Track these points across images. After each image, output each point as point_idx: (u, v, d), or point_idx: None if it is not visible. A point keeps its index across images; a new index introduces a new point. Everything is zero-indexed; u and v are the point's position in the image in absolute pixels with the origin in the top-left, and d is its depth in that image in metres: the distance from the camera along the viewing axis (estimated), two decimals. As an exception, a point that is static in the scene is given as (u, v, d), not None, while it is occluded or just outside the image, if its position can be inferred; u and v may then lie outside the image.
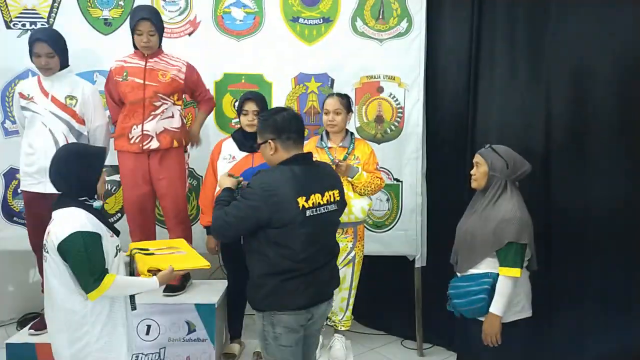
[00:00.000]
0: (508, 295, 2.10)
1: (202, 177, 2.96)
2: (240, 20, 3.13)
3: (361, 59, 3.14)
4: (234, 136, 2.70)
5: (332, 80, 3.16)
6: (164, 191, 2.62)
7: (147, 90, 2.53)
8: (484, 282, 2.14)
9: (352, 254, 2.75)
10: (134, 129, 2.54)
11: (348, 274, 2.76)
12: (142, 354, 2.52)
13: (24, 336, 2.52)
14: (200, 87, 2.78)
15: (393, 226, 3.19)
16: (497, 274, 2.13)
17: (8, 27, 3.07)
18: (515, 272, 2.09)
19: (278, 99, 3.16)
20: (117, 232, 2.00)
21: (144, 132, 2.55)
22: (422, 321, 3.22)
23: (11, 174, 3.07)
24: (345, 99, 2.73)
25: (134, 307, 2.06)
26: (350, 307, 2.84)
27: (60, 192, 1.94)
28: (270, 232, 1.89)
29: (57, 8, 3.06)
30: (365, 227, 2.89)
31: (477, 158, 2.26)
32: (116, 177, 3.03)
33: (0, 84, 3.06)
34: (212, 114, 3.10)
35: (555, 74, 2.84)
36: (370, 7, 3.13)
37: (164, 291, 2.64)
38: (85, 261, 1.78)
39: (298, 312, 1.95)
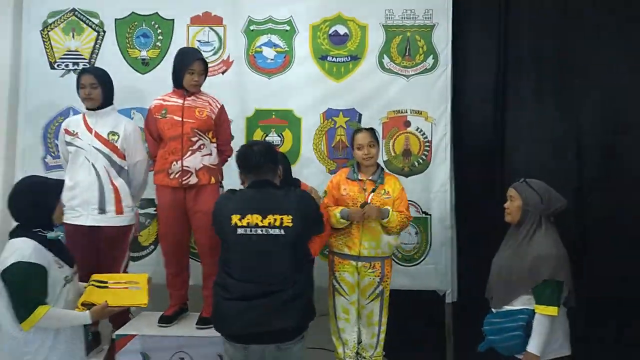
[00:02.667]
0: (546, 333, 2.06)
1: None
2: (271, 59, 3.25)
3: (388, 94, 3.21)
4: None
5: (360, 115, 3.23)
6: (199, 224, 2.67)
7: (185, 126, 2.62)
8: (520, 318, 2.10)
9: (380, 288, 2.74)
10: (174, 164, 2.62)
11: (376, 309, 2.75)
12: (175, 387, 2.52)
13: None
14: (222, 132, 2.79)
15: (422, 260, 3.17)
16: (533, 311, 2.09)
17: (52, 67, 3.25)
18: (552, 310, 2.06)
19: (307, 134, 3.24)
20: (70, 263, 2.04)
21: (184, 168, 2.62)
22: (454, 358, 3.15)
23: (50, 207, 3.17)
24: (373, 131, 2.79)
25: (88, 337, 2.12)
26: (381, 343, 2.80)
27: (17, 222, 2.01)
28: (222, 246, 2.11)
29: (99, 49, 3.24)
30: (393, 260, 2.89)
31: (511, 192, 2.27)
32: (150, 210, 3.12)
33: (43, 121, 3.21)
34: (243, 148, 3.19)
35: (585, 104, 2.84)
36: (397, 44, 3.22)
37: (197, 323, 2.65)
38: (21, 291, 1.85)
39: (231, 342, 1.99)
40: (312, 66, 3.24)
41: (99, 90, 2.68)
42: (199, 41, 3.24)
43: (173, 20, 3.24)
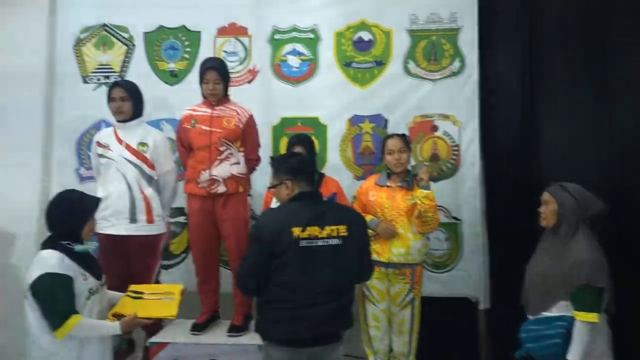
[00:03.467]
0: (586, 341, 2.00)
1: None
2: (296, 67, 3.27)
3: (414, 99, 3.19)
4: None
5: (386, 121, 3.21)
6: (228, 232, 2.70)
7: (213, 136, 2.66)
8: (559, 325, 2.04)
9: (411, 295, 2.70)
10: (203, 173, 2.65)
11: (407, 317, 2.71)
12: (208, 395, 2.54)
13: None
14: (249, 143, 2.79)
15: (454, 266, 3.12)
16: (572, 317, 2.03)
17: (85, 81, 3.34)
18: (593, 317, 2.00)
19: (333, 141, 3.24)
20: (97, 276, 2.09)
21: (212, 177, 2.65)
22: (488, 365, 3.08)
23: (84, 218, 3.24)
24: (405, 138, 2.78)
25: (122, 345, 2.20)
26: (414, 352, 2.76)
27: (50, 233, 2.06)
28: (272, 262, 1.98)
29: (129, 62, 3.32)
30: (424, 267, 2.85)
31: (546, 196, 2.21)
32: (180, 219, 3.17)
33: (76, 134, 3.31)
34: (269, 155, 3.18)
35: (622, 104, 2.76)
36: (422, 49, 3.20)
37: (228, 331, 2.67)
38: (51, 302, 1.91)
39: (285, 348, 1.97)
40: (337, 73, 3.25)
41: (129, 103, 2.74)
42: (225, 52, 3.29)
43: (199, 32, 3.30)
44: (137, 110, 2.78)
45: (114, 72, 3.32)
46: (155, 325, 2.66)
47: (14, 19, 3.35)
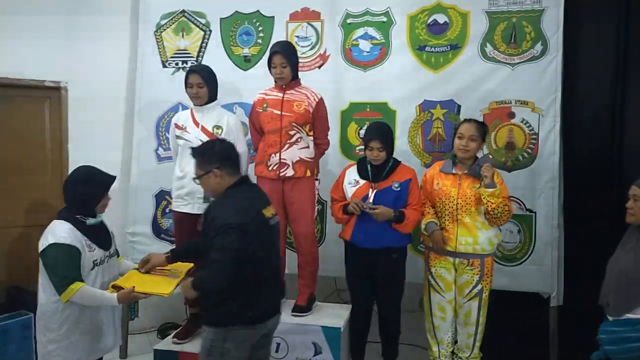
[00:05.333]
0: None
1: (326, 202, 3.06)
2: (367, 52, 3.23)
3: (490, 84, 3.05)
4: (359, 164, 2.77)
5: (459, 107, 3.10)
6: (295, 215, 2.75)
7: (283, 120, 2.71)
8: (644, 329, 1.91)
9: (479, 287, 2.63)
10: (273, 157, 2.72)
11: (474, 309, 2.64)
12: (272, 371, 2.63)
13: (168, 344, 2.76)
14: (319, 127, 2.81)
15: (525, 260, 2.99)
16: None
17: (164, 66, 3.50)
18: (683, 321, 1.84)
19: (402, 126, 3.18)
20: (105, 247, 2.21)
21: (282, 160, 2.71)
22: (559, 365, 2.95)
23: (161, 196, 3.45)
24: (482, 127, 2.67)
25: (133, 317, 2.31)
26: (478, 344, 2.70)
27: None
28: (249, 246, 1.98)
29: (205, 47, 3.44)
30: (494, 259, 2.75)
31: (635, 190, 2.05)
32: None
33: (155, 116, 3.48)
34: (337, 140, 3.22)
35: None
36: (502, 31, 3.04)
37: (293, 311, 2.75)
38: (57, 268, 2.05)
39: (255, 326, 2.03)
40: (408, 57, 3.17)
41: (205, 89, 2.84)
42: (297, 37, 3.31)
43: (273, 17, 3.34)
44: (212, 95, 2.88)
45: (191, 57, 3.45)
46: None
47: (100, 5, 3.56)
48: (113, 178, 2.26)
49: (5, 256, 3.44)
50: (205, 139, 2.81)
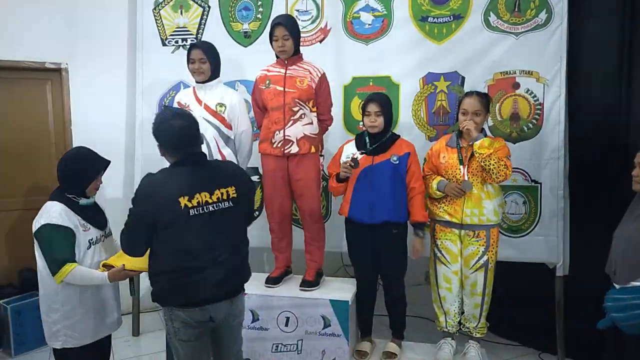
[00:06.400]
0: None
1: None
2: (369, 24, 3.18)
3: (494, 54, 3.00)
4: (357, 138, 2.76)
5: (463, 79, 3.07)
6: (300, 191, 2.76)
7: (286, 96, 2.69)
8: (650, 295, 1.92)
9: (485, 258, 2.65)
10: (277, 134, 2.71)
11: (480, 280, 2.67)
12: (282, 344, 2.68)
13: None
14: (322, 102, 2.79)
15: (530, 231, 2.99)
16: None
17: (164, 44, 3.46)
18: (690, 286, 1.85)
19: (406, 100, 3.15)
20: (100, 226, 2.22)
21: (286, 137, 2.70)
22: (565, 334, 2.98)
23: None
24: (485, 98, 2.64)
25: (133, 293, 2.32)
26: (485, 314, 2.73)
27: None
28: (159, 233, 1.91)
29: (205, 24, 3.39)
30: (499, 231, 2.76)
31: (640, 158, 2.04)
32: (254, 178, 3.27)
33: (157, 95, 3.45)
34: (341, 116, 3.20)
35: None
36: (505, 0, 2.98)
37: (301, 285, 2.78)
38: (51, 250, 2.05)
39: (191, 309, 1.96)
40: (411, 29, 3.11)
41: (207, 64, 2.81)
42: (297, 10, 3.25)
43: (272, -9, 3.29)
44: (215, 71, 2.85)
45: (191, 34, 3.41)
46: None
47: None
48: (106, 163, 2.26)
49: (14, 239, 3.49)
50: (209, 117, 2.80)
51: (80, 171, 2.17)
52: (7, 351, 3.22)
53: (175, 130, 1.97)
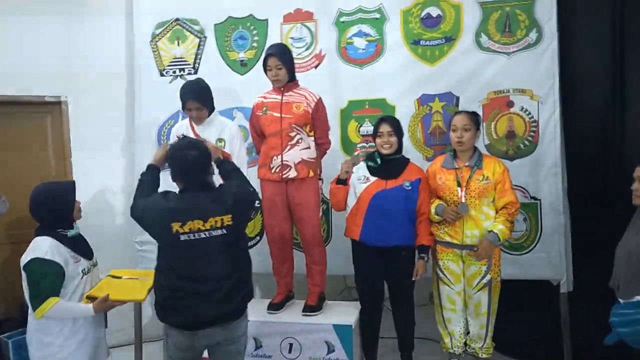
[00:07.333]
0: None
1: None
2: (363, 49, 3.23)
3: (487, 74, 3.05)
4: (368, 162, 2.76)
5: (457, 99, 3.11)
6: (300, 215, 2.77)
7: (283, 122, 2.71)
8: (655, 310, 1.91)
9: (488, 277, 2.64)
10: (275, 159, 2.73)
11: (484, 299, 2.65)
12: (286, 372, 2.64)
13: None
14: (319, 127, 2.80)
15: (532, 248, 2.99)
16: (670, 301, 1.89)
17: (161, 74, 3.51)
18: (694, 300, 1.84)
19: (401, 121, 3.12)
20: (88, 256, 2.26)
21: (284, 162, 2.72)
22: (572, 350, 2.94)
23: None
24: (474, 116, 2.67)
25: (105, 325, 2.31)
26: (490, 334, 2.70)
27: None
28: (159, 247, 2.05)
29: (201, 54, 3.45)
30: (501, 249, 2.76)
31: (639, 172, 2.05)
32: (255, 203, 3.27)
33: (156, 126, 3.48)
34: (338, 139, 3.23)
35: None
36: (495, 21, 3.04)
37: (303, 311, 2.76)
38: (36, 284, 2.06)
39: (178, 330, 2.02)
40: (404, 52, 3.17)
41: (204, 110, 2.76)
42: (292, 38, 3.32)
43: (267, 20, 3.35)
44: (210, 110, 2.82)
45: (188, 64, 3.47)
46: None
47: (92, 21, 3.58)
48: (72, 183, 2.34)
49: (17, 272, 3.47)
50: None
51: (60, 206, 2.21)
52: (7, 388, 3.18)
53: (186, 159, 2.08)
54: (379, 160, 2.70)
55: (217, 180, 2.28)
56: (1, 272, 3.52)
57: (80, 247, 2.25)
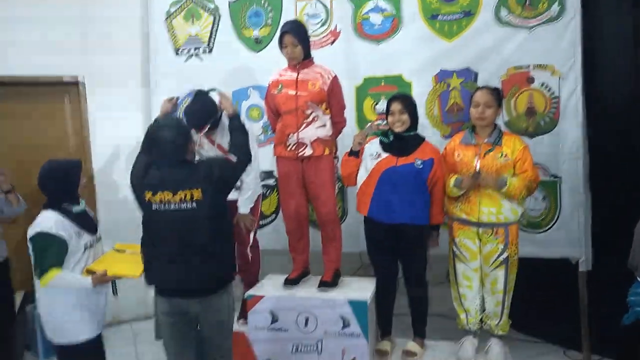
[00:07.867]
0: None
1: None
2: (379, 25, 3.18)
3: (507, 49, 2.97)
4: (381, 138, 2.75)
5: (476, 75, 3.04)
6: (315, 193, 2.76)
7: (299, 100, 2.69)
8: (675, 288, 1.87)
9: (505, 255, 2.61)
10: (290, 137, 2.72)
11: (500, 277, 2.63)
12: (302, 344, 2.68)
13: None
14: (335, 105, 2.77)
15: (551, 226, 2.94)
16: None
17: (177, 53, 3.52)
18: None
19: (418, 99, 3.09)
20: (92, 231, 2.35)
21: (299, 140, 2.71)
22: (589, 329, 2.92)
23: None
24: (496, 92, 2.62)
25: (115, 293, 2.43)
26: (507, 312, 2.69)
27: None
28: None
29: (216, 32, 3.44)
30: (519, 227, 2.72)
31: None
32: (270, 182, 3.29)
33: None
34: (354, 117, 3.21)
35: None
36: (516, -6, 2.96)
37: (319, 286, 2.78)
38: (40, 256, 2.17)
39: (161, 297, 2.14)
40: (421, 27, 3.11)
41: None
42: (306, 14, 3.28)
43: (281, -4, 3.31)
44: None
45: (203, 42, 3.46)
46: (252, 279, 2.91)
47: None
48: (78, 161, 2.42)
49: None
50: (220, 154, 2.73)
51: (67, 179, 2.31)
52: (34, 355, 3.29)
53: (161, 140, 2.12)
54: (391, 137, 2.68)
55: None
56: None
57: (85, 222, 2.34)
